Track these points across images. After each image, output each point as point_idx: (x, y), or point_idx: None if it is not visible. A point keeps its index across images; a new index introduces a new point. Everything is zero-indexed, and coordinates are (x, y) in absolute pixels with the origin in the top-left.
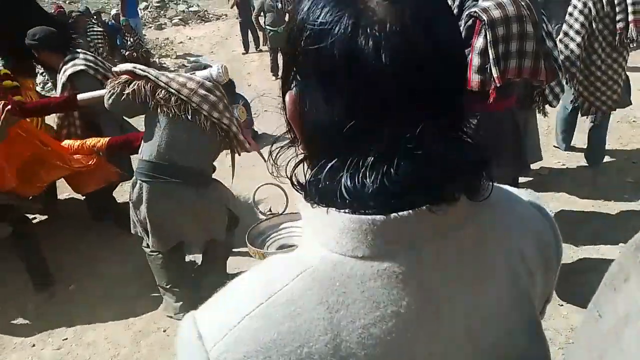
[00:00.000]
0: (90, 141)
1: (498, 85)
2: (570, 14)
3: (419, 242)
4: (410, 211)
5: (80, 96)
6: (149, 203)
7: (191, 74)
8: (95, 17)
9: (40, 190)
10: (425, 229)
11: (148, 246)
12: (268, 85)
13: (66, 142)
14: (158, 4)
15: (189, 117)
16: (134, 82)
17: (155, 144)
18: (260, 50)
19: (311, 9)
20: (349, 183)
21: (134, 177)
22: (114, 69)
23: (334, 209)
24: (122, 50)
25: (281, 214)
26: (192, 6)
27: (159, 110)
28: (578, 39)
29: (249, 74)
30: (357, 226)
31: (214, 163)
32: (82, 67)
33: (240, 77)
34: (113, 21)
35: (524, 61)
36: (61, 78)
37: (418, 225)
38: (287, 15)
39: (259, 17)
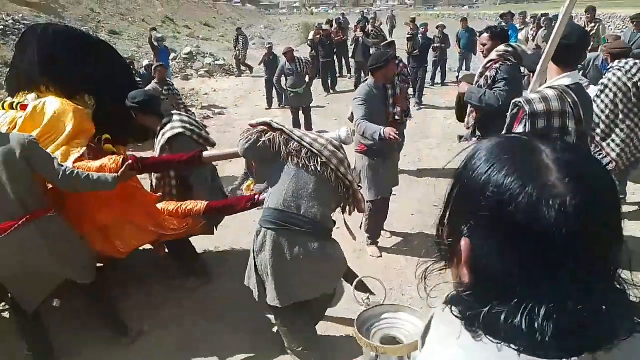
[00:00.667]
0: (187, 205)
1: None
2: (598, 96)
3: None
4: (576, 358)
5: (205, 154)
6: (274, 251)
7: (319, 134)
8: (131, 66)
9: (122, 257)
10: None
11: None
12: None
13: (161, 205)
14: (186, 56)
15: (318, 169)
16: (270, 133)
17: (282, 193)
18: (284, 107)
19: (492, 174)
20: (522, 326)
21: (258, 226)
22: (252, 122)
23: (502, 343)
24: None
25: (382, 304)
26: (219, 60)
27: (289, 161)
28: (603, 116)
29: None
30: None
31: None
32: (180, 130)
33: None
34: (145, 71)
35: None
36: (160, 141)
37: None
38: (306, 77)
39: (280, 79)
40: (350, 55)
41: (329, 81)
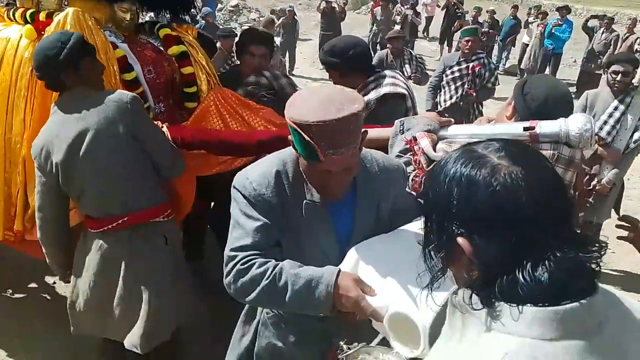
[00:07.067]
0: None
1: None
2: None
3: (588, 325)
4: (578, 303)
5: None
6: None
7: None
8: None
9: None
10: (590, 315)
11: None
12: None
13: None
14: (232, 8)
15: None
16: None
17: None
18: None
19: (452, 170)
20: (525, 283)
21: None
22: None
23: (514, 304)
24: None
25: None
26: (264, 16)
27: None
28: None
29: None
30: (543, 316)
31: None
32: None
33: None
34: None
35: None
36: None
37: (585, 312)
38: None
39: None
40: None
41: None
